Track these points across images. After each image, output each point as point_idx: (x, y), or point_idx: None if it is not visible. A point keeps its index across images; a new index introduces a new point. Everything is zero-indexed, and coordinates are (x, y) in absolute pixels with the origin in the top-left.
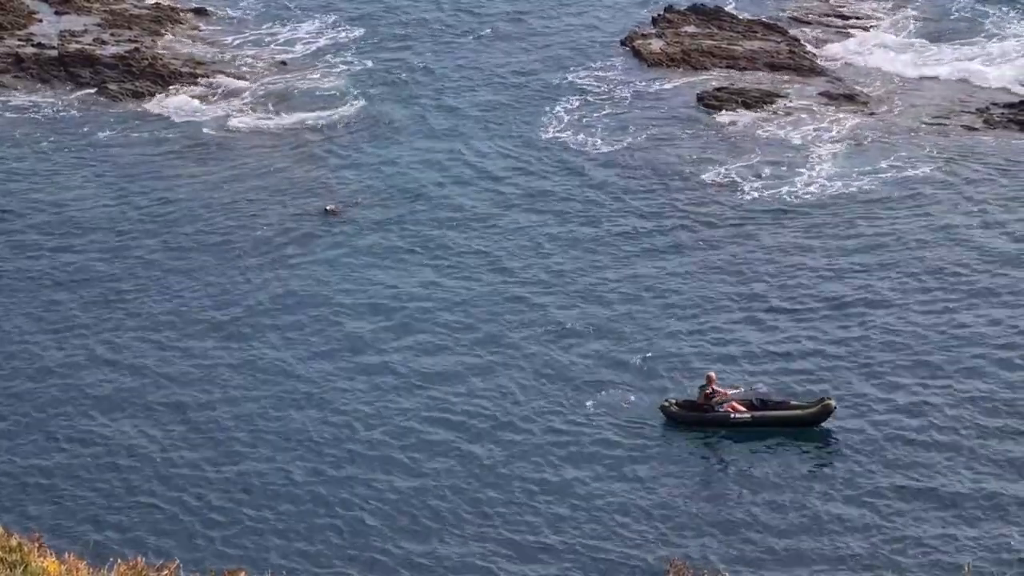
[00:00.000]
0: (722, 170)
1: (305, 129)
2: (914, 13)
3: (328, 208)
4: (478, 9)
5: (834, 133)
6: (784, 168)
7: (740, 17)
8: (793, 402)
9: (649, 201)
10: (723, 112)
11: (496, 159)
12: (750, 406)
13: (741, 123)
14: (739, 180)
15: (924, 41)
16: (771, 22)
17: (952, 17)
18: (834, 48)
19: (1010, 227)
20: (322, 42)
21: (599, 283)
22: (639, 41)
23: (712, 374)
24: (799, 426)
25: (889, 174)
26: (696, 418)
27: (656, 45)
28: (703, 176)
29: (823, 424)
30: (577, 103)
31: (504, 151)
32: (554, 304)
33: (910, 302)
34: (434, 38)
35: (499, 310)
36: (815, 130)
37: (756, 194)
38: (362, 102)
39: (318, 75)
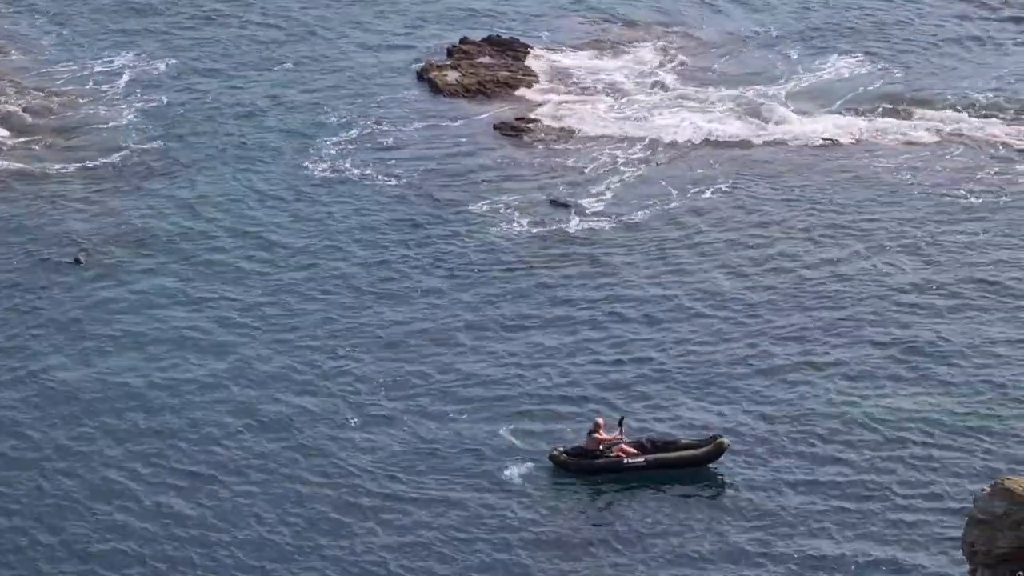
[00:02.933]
0: (511, 201)
1: (80, 170)
2: (712, 46)
3: (79, 257)
4: (286, 43)
5: (626, 161)
6: (575, 197)
7: (537, 48)
8: (684, 441)
9: (432, 235)
10: (518, 142)
11: (274, 197)
12: (641, 448)
13: (535, 153)
14: (528, 211)
15: (721, 74)
16: (565, 50)
17: (745, 54)
18: (628, 78)
19: (797, 247)
20: (120, 78)
21: (380, 325)
22: (435, 72)
23: (600, 420)
24: (693, 465)
25: (676, 203)
26: (587, 465)
27: (452, 76)
28: (487, 207)
29: (716, 462)
30: (368, 136)
31: (283, 188)
32: (332, 348)
33: (699, 325)
34: (234, 72)
35: (267, 357)
36: (608, 159)
37: (546, 226)
38: (143, 141)
39: (104, 112)
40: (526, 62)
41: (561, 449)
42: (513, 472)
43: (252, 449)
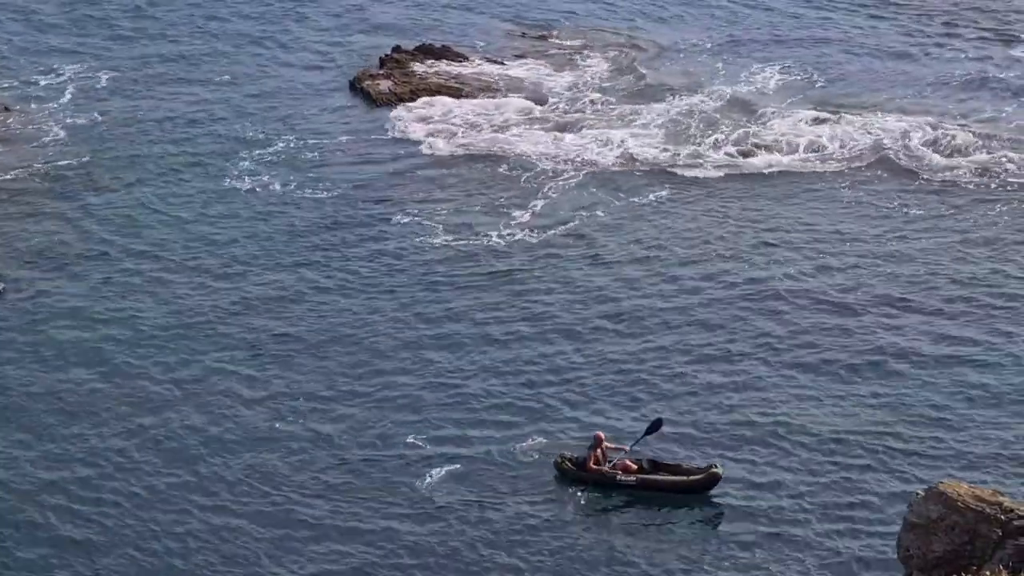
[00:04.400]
0: (440, 213)
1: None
2: (647, 56)
3: None
4: (224, 55)
5: (558, 173)
6: (507, 207)
7: (469, 56)
8: (684, 467)
9: (356, 247)
10: (450, 152)
11: (197, 213)
12: (640, 468)
13: (467, 163)
14: (456, 224)
15: (655, 84)
16: (497, 59)
17: (680, 65)
18: (563, 87)
19: (728, 260)
20: (59, 92)
21: (300, 341)
22: (368, 82)
23: (601, 434)
24: (686, 492)
25: (607, 217)
26: (584, 476)
27: (385, 85)
28: (414, 220)
29: (711, 492)
30: (297, 149)
31: (207, 204)
32: (252, 365)
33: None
34: (170, 85)
35: (187, 376)
36: (541, 170)
37: (473, 240)
38: (69, 157)
39: (35, 128)
40: (460, 71)
41: (566, 456)
42: (430, 479)
43: (171, 469)
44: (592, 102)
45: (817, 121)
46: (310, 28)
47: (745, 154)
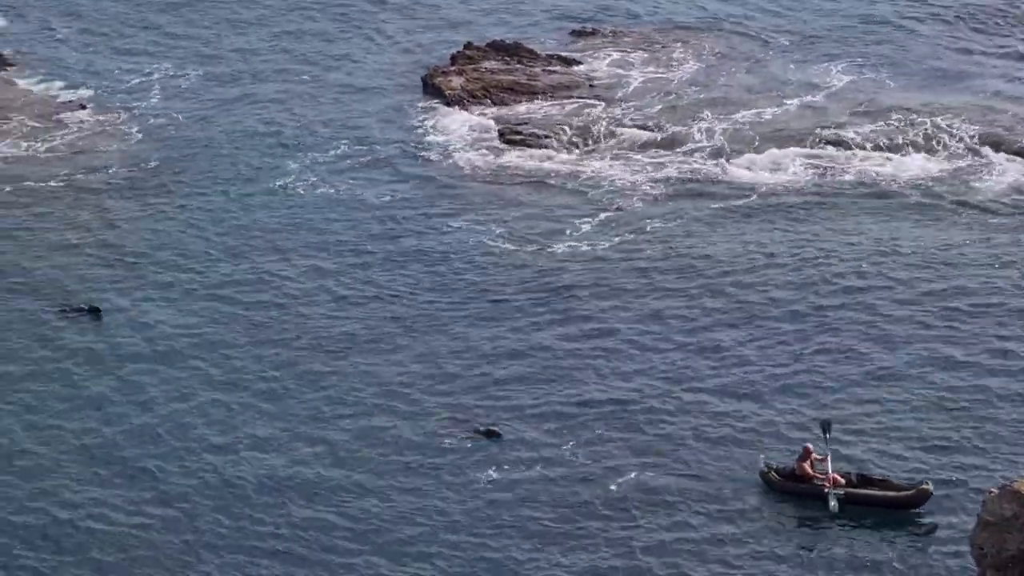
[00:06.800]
0: (506, 217)
1: (74, 188)
2: (718, 61)
3: (96, 306)
4: (303, 53)
5: (631, 179)
6: (570, 217)
7: (540, 53)
8: (894, 482)
9: (417, 252)
10: (521, 151)
11: (264, 216)
12: (849, 482)
13: (535, 164)
14: (520, 231)
15: (726, 88)
16: (571, 56)
17: (745, 65)
18: (635, 84)
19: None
20: (144, 90)
21: (357, 346)
22: (439, 79)
23: (810, 446)
24: (895, 508)
25: (666, 225)
26: (793, 488)
27: (456, 82)
28: (475, 224)
29: (919, 509)
30: (367, 150)
31: (274, 206)
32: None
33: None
34: (249, 85)
35: (257, 378)
36: (615, 172)
37: (535, 248)
38: (146, 159)
39: (111, 126)
40: (531, 68)
41: (772, 467)
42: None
43: (243, 474)
44: (663, 105)
45: (890, 129)
46: (385, 25)
47: (816, 164)
